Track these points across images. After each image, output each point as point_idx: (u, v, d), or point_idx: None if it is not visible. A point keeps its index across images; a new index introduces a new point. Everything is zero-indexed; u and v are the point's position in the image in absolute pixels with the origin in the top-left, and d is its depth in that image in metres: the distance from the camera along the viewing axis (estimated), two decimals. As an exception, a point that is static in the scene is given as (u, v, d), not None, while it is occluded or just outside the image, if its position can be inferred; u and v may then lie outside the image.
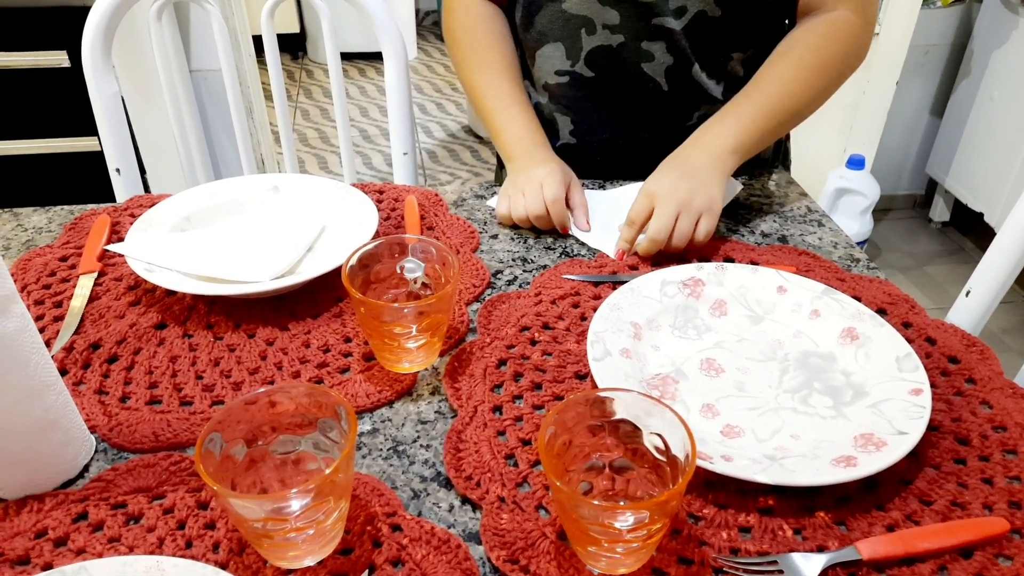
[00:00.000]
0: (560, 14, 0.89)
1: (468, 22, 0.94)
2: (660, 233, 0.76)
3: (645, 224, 0.78)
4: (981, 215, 2.31)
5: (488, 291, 0.75)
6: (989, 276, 0.79)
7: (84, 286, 0.73)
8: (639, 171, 0.96)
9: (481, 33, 0.93)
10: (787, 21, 0.92)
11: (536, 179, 0.83)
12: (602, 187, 0.93)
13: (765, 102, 0.82)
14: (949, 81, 2.43)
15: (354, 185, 0.86)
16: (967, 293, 0.80)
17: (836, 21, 0.83)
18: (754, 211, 0.89)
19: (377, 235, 0.75)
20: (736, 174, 0.95)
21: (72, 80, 1.71)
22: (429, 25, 4.26)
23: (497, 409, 0.60)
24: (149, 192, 0.95)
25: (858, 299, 0.71)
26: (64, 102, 1.75)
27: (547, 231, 0.84)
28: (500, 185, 0.93)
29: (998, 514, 0.52)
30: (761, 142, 0.83)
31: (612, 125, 0.95)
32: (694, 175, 0.79)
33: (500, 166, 1.11)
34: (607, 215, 0.85)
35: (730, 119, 0.82)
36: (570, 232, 0.83)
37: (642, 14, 0.85)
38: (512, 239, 0.83)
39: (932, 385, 0.61)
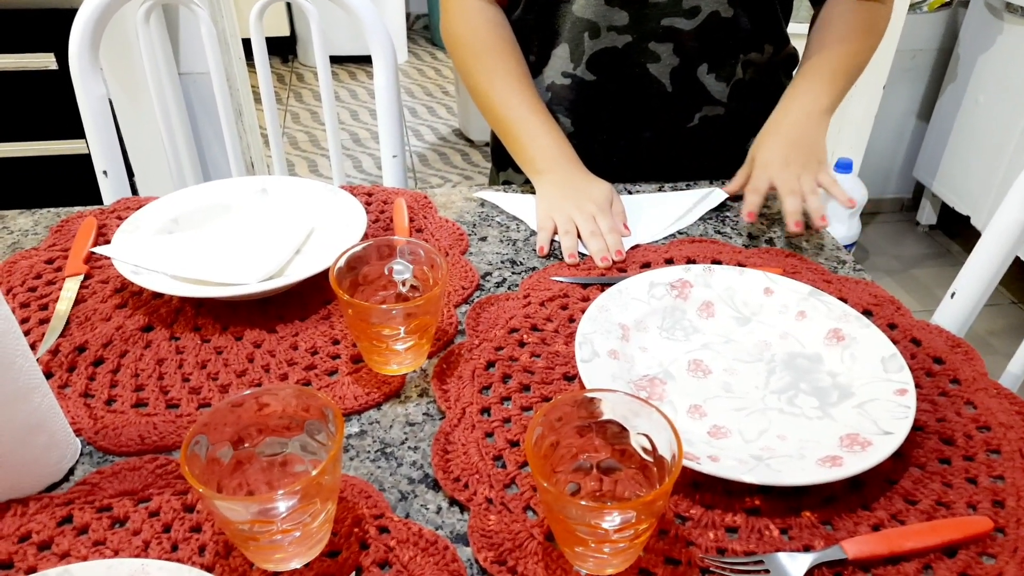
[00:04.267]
0: (568, 16, 0.89)
1: (471, 24, 0.90)
2: (793, 192, 0.80)
3: (759, 193, 0.82)
4: (968, 218, 2.33)
5: (477, 293, 0.75)
6: (974, 278, 0.80)
7: (70, 289, 0.73)
8: (640, 172, 0.97)
9: (487, 37, 0.90)
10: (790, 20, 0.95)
11: (586, 193, 0.83)
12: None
13: (838, 61, 0.87)
14: (935, 85, 2.45)
15: (343, 188, 0.86)
16: (952, 295, 0.81)
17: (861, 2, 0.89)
18: (741, 213, 0.89)
19: (366, 237, 0.75)
20: (729, 174, 0.96)
21: (59, 82, 1.70)
22: (420, 29, 4.26)
23: (485, 411, 0.60)
24: (137, 195, 0.95)
25: (844, 300, 0.72)
26: (51, 104, 1.74)
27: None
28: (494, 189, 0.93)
29: (982, 513, 0.53)
30: (840, 99, 0.88)
31: (613, 125, 0.95)
32: (801, 139, 0.83)
33: (497, 170, 1.10)
34: (647, 218, 0.86)
35: (817, 81, 0.86)
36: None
37: (653, 15, 0.85)
38: (501, 241, 0.83)
39: (917, 385, 0.62)
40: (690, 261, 0.79)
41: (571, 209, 0.82)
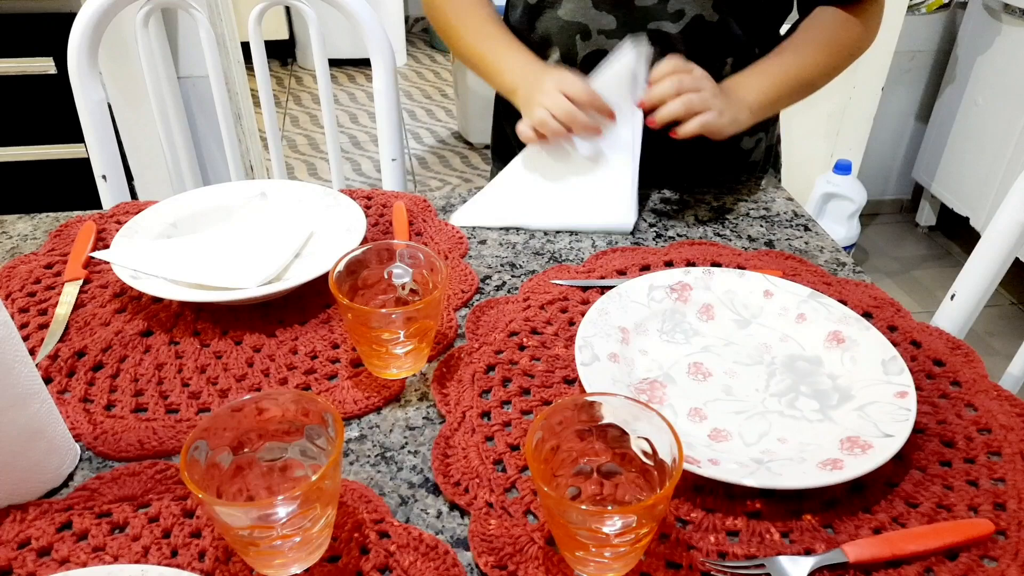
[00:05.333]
0: (556, 21, 0.89)
1: None
2: (670, 88, 0.77)
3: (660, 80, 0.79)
4: (967, 219, 2.33)
5: (476, 296, 0.75)
6: (974, 279, 0.80)
7: (69, 293, 0.73)
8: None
9: (462, 2, 0.94)
10: (785, 23, 0.95)
11: (550, 86, 0.80)
12: None
13: (786, 68, 0.87)
14: (934, 87, 2.45)
15: (342, 191, 0.86)
16: (952, 296, 0.81)
17: (847, 15, 0.90)
18: (741, 216, 0.89)
19: (365, 241, 0.75)
20: (725, 175, 0.96)
21: (58, 87, 1.70)
22: (419, 32, 4.26)
23: (485, 414, 0.60)
24: (136, 199, 0.95)
25: (844, 303, 0.72)
26: (50, 109, 1.74)
27: (539, 236, 0.85)
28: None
29: (983, 516, 0.53)
30: (774, 106, 0.88)
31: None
32: (727, 92, 0.82)
33: (497, 172, 1.10)
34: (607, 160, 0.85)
35: (759, 77, 0.86)
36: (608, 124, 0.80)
37: (639, 19, 0.86)
38: (500, 245, 0.83)
39: (917, 388, 0.62)
40: (690, 264, 0.79)
41: (535, 101, 0.80)
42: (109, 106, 1.11)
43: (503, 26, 0.93)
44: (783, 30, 0.96)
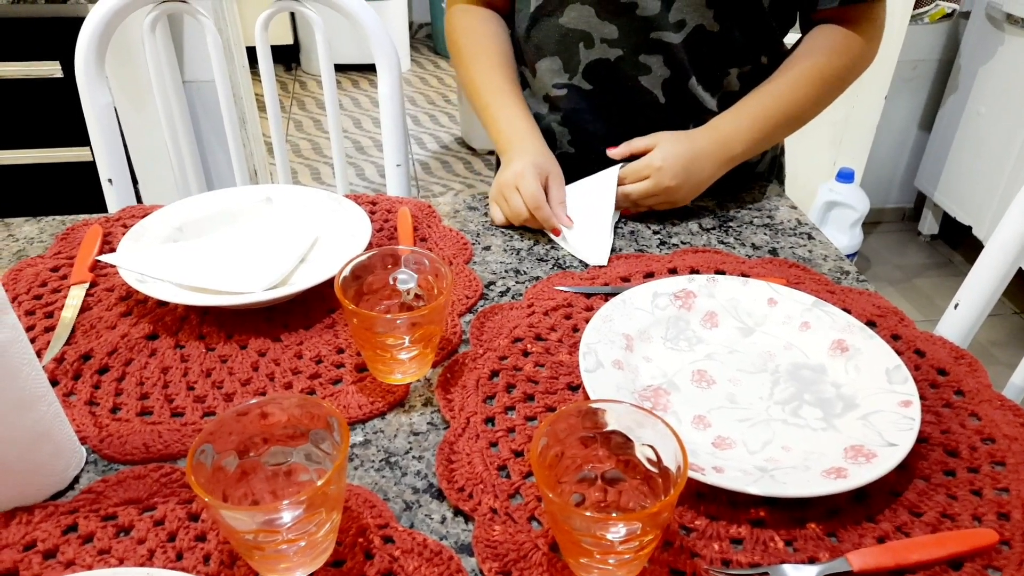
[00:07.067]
0: (557, 29, 0.90)
1: (466, 24, 0.98)
2: (629, 196, 0.87)
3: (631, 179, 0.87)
4: (969, 228, 2.33)
5: (481, 302, 0.75)
6: (977, 289, 0.80)
7: (75, 297, 0.73)
8: None
9: (478, 33, 0.97)
10: (790, 31, 0.95)
11: (512, 183, 0.84)
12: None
13: (777, 107, 0.88)
14: (937, 96, 2.46)
15: (347, 196, 0.86)
16: (956, 306, 0.81)
17: (845, 34, 0.89)
18: (744, 224, 0.90)
19: (370, 246, 0.76)
20: (730, 187, 0.96)
21: (65, 90, 1.71)
22: (422, 37, 4.28)
23: (489, 420, 0.60)
24: (141, 203, 0.95)
25: (848, 311, 0.72)
26: (57, 112, 1.74)
27: (540, 232, 0.85)
28: None
29: (987, 525, 0.52)
30: (760, 147, 0.90)
31: (609, 136, 0.96)
32: (697, 172, 0.86)
33: None
34: (587, 208, 0.86)
35: (743, 121, 0.88)
36: (560, 233, 0.84)
37: (641, 28, 0.86)
38: (505, 251, 0.83)
39: (921, 397, 0.62)
40: (694, 271, 0.79)
41: (497, 186, 0.87)
42: (115, 110, 1.12)
43: (508, 72, 0.95)
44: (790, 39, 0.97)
